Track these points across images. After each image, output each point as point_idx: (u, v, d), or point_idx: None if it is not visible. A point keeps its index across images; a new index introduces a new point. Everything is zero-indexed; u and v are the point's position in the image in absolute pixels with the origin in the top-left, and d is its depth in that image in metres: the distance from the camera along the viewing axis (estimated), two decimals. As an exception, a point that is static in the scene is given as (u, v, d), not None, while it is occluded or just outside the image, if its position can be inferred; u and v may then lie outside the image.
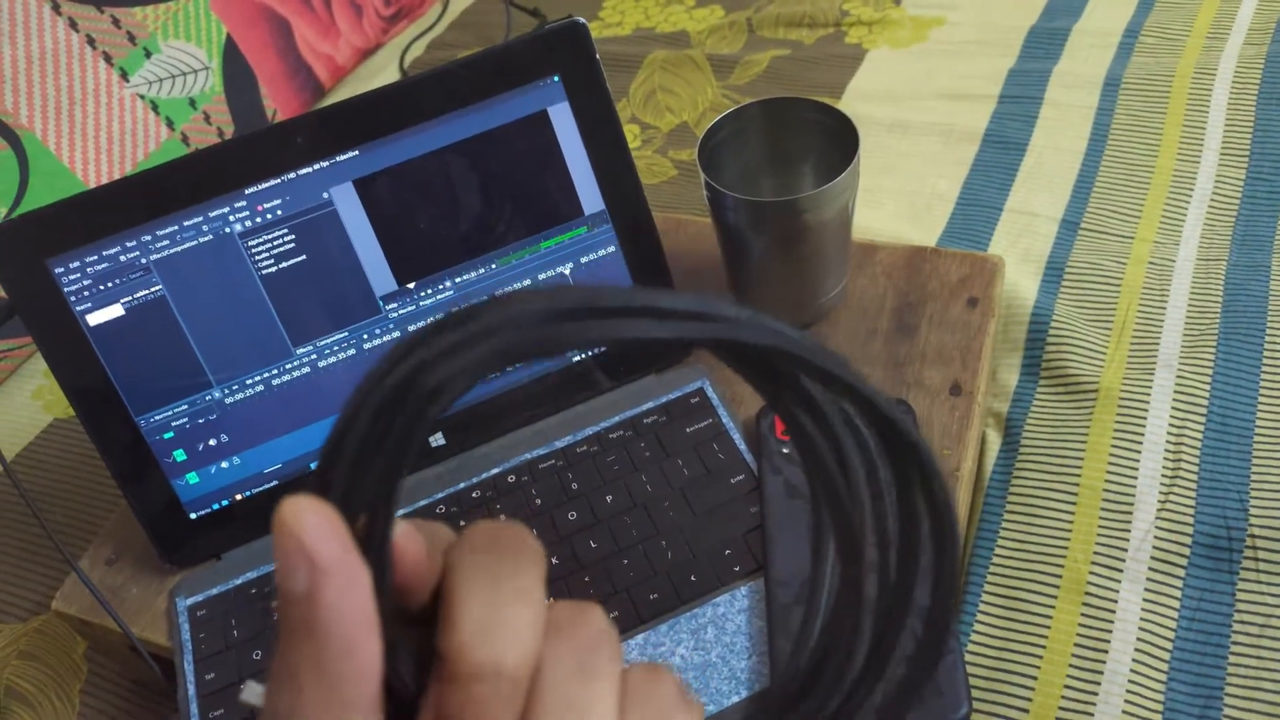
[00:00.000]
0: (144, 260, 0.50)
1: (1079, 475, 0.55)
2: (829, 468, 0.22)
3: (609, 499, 0.53)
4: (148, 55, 0.82)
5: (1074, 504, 0.54)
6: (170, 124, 0.84)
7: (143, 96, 0.82)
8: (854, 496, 0.22)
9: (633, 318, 0.18)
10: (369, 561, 0.19)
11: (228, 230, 0.51)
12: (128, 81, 0.81)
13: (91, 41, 0.79)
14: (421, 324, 0.19)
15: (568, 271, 0.56)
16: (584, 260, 0.56)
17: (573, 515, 0.52)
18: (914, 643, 0.22)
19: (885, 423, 0.20)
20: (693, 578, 0.49)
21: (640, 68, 0.92)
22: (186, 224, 0.50)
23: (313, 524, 0.18)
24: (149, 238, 0.50)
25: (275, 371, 0.53)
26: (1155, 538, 0.52)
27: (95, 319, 0.50)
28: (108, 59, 0.80)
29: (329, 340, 0.53)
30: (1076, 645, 0.49)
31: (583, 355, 0.57)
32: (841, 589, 0.22)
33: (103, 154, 0.79)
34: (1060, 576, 0.52)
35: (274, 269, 0.51)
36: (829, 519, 0.22)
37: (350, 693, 0.18)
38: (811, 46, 0.91)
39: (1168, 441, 0.55)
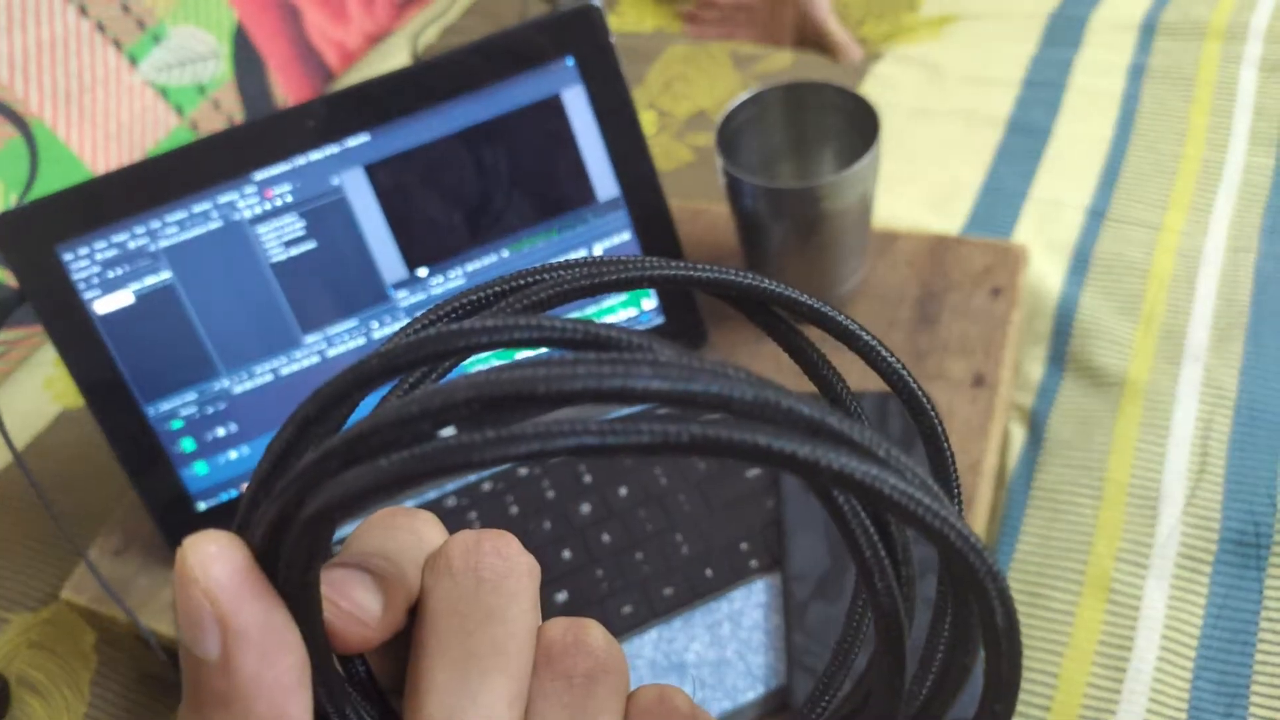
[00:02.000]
0: (152, 247, 0.49)
1: (1104, 469, 0.54)
2: (870, 561, 0.17)
3: (623, 492, 0.52)
4: (157, 41, 0.82)
5: (1099, 499, 0.53)
6: (180, 111, 0.83)
7: (152, 83, 0.81)
8: (904, 592, 0.18)
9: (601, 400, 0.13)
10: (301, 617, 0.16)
11: (237, 217, 0.50)
12: (137, 68, 0.80)
13: (101, 28, 0.78)
14: (317, 395, 0.16)
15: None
16: (597, 247, 0.55)
17: (586, 508, 0.52)
18: None
19: (947, 548, 0.15)
20: (708, 572, 0.48)
21: (659, 58, 0.91)
22: (195, 210, 0.49)
23: (225, 574, 0.15)
24: (158, 224, 0.49)
25: (284, 360, 0.52)
26: (1181, 533, 0.51)
27: (103, 306, 0.49)
28: (117, 45, 0.79)
29: (339, 328, 0.52)
30: (1100, 642, 0.48)
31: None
32: (877, 682, 0.18)
33: (112, 141, 0.79)
34: (1084, 572, 0.50)
35: (283, 256, 0.51)
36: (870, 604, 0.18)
37: None
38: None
39: (1195, 435, 0.54)
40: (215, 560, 0.15)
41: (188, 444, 0.52)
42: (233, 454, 0.53)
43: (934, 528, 0.14)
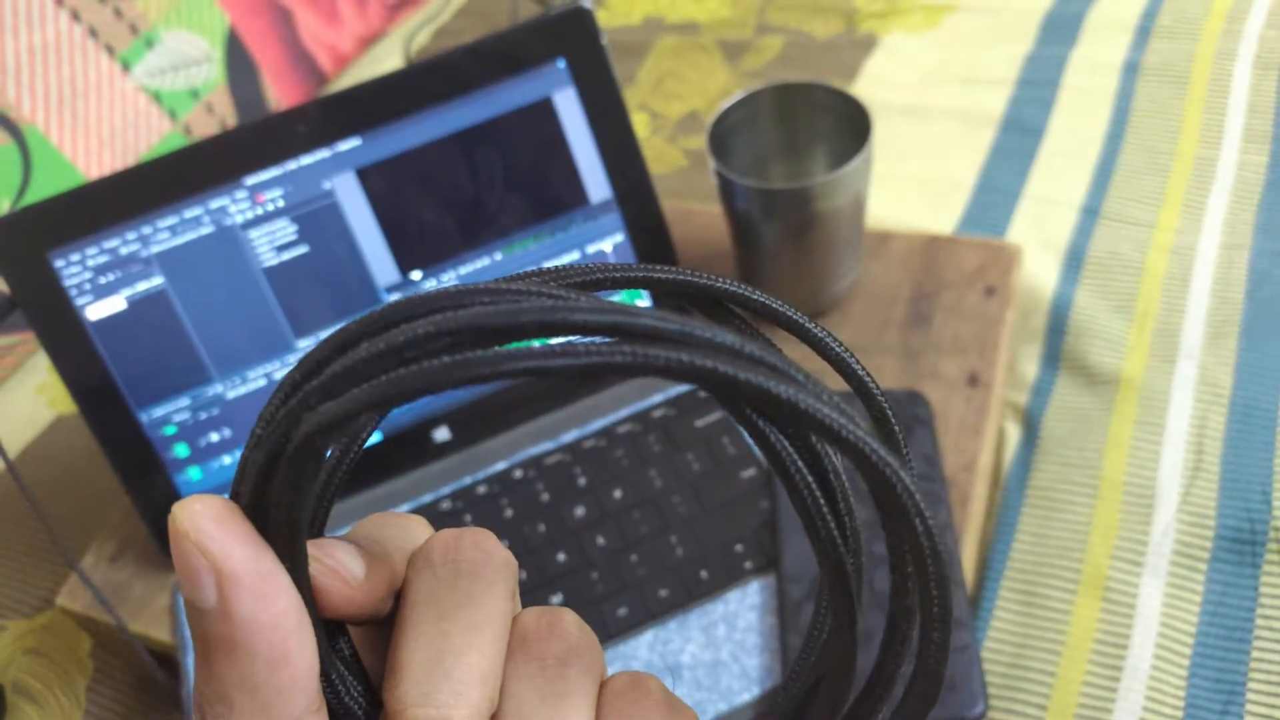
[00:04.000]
0: (144, 253, 0.49)
1: (1099, 468, 0.54)
2: (811, 509, 0.18)
3: (617, 494, 0.52)
4: (149, 46, 0.82)
5: (1094, 497, 0.53)
6: (173, 115, 0.83)
7: (145, 88, 0.81)
8: (847, 542, 0.19)
9: (550, 332, 0.15)
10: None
11: (228, 222, 0.50)
12: (130, 73, 0.80)
13: (93, 33, 0.78)
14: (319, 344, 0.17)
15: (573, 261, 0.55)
16: (590, 249, 0.55)
17: (580, 511, 0.52)
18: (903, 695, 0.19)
19: (865, 465, 0.16)
20: (703, 574, 0.48)
21: (649, 54, 0.91)
22: (187, 215, 0.49)
23: (212, 526, 0.16)
24: (149, 230, 0.49)
25: (277, 365, 0.52)
26: (1177, 531, 0.51)
27: (96, 312, 0.49)
28: (110, 51, 0.79)
29: (332, 332, 0.52)
30: (1096, 641, 0.48)
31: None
32: (832, 634, 0.19)
33: (105, 147, 0.79)
34: (1080, 571, 0.50)
35: (275, 260, 0.51)
36: (818, 559, 0.19)
37: (289, 704, 0.17)
38: (823, 36, 0.89)
39: (1189, 433, 0.54)
40: (202, 514, 0.16)
41: (181, 450, 0.52)
42: (226, 459, 0.53)
43: (849, 442, 0.15)
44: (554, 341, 0.15)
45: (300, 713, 0.17)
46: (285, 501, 0.17)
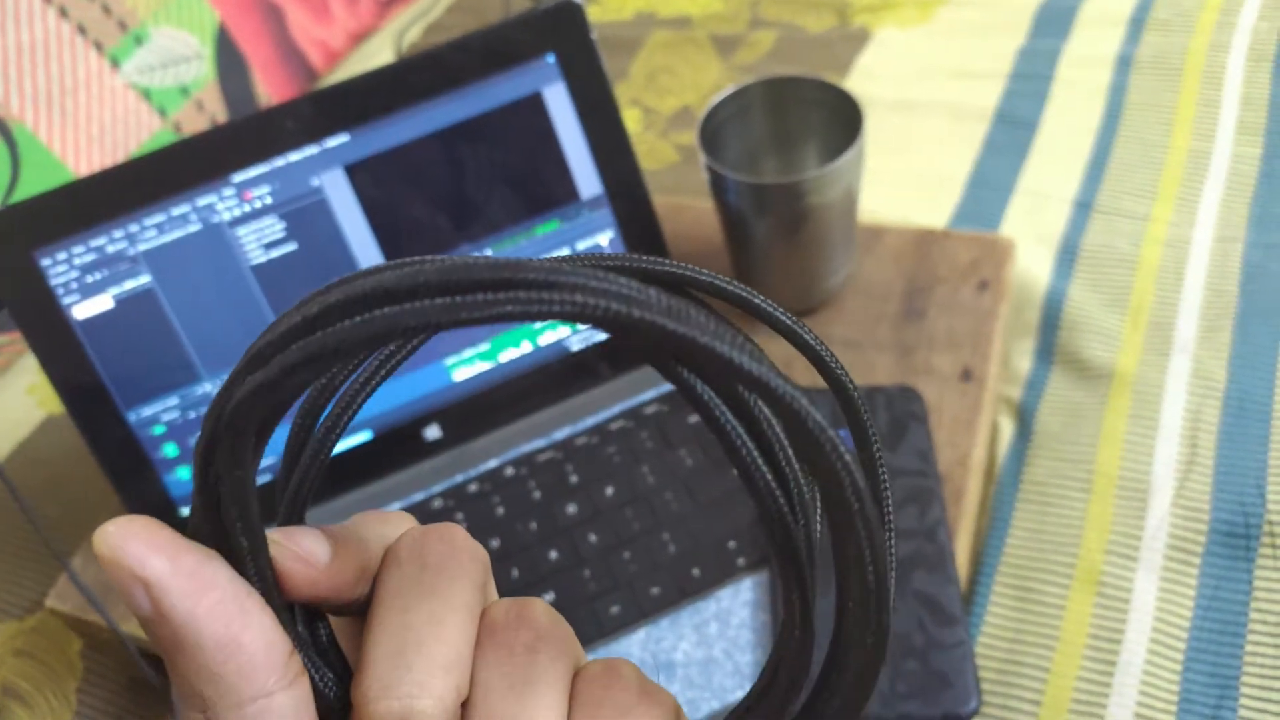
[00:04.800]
0: (131, 251, 0.49)
1: (1093, 462, 0.53)
2: (745, 458, 0.18)
3: (609, 491, 0.51)
4: (139, 43, 0.81)
5: (1088, 491, 0.53)
6: (162, 113, 0.83)
7: (134, 85, 0.81)
8: (795, 509, 0.19)
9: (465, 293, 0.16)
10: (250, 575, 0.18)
11: (216, 219, 0.49)
12: (119, 70, 0.80)
13: (82, 30, 0.78)
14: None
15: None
16: (581, 245, 0.54)
17: (572, 509, 0.51)
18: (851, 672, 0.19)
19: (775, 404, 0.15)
20: (696, 571, 0.48)
21: (641, 49, 0.91)
22: (174, 213, 0.49)
23: (126, 542, 0.17)
24: (136, 228, 0.49)
25: (267, 363, 0.52)
26: (1171, 525, 0.51)
27: (83, 311, 0.49)
28: (98, 48, 0.79)
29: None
30: (1090, 635, 0.48)
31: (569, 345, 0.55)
32: (785, 608, 0.20)
33: (95, 144, 0.78)
34: (1074, 566, 0.50)
35: (264, 258, 0.50)
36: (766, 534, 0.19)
37: (254, 684, 0.17)
38: (816, 30, 0.89)
39: (1183, 427, 0.54)
40: (115, 534, 0.17)
41: (170, 449, 0.52)
42: (216, 458, 0.53)
43: (751, 375, 0.15)
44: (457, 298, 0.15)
45: (271, 688, 0.18)
46: (228, 475, 0.17)
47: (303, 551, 0.19)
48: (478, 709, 0.19)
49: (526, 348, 0.55)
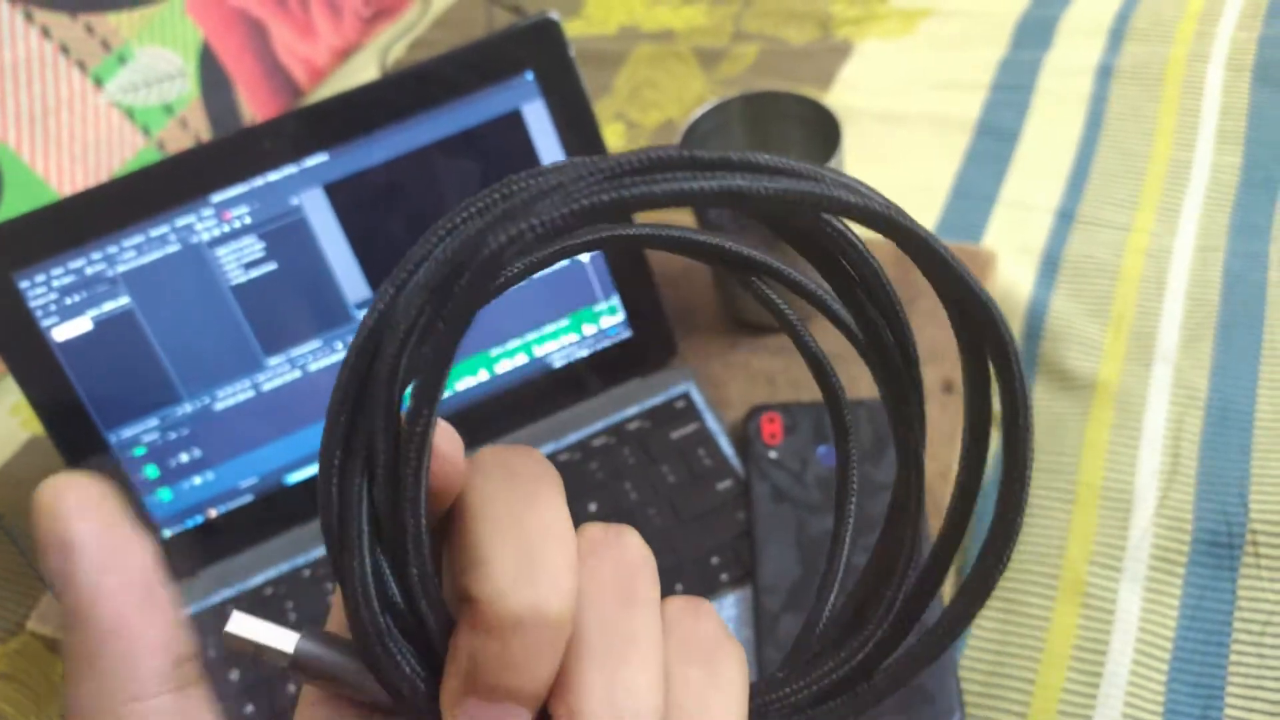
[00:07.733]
0: (110, 273, 0.49)
1: (1076, 473, 0.54)
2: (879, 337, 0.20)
3: (592, 507, 0.51)
4: (122, 62, 0.81)
5: (1071, 502, 0.53)
6: (146, 131, 0.82)
7: (118, 104, 0.81)
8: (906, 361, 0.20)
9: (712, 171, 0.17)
10: (409, 453, 0.17)
11: (195, 239, 0.49)
12: (103, 89, 0.80)
13: (65, 50, 0.78)
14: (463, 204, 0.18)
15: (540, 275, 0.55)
16: (560, 263, 0.54)
17: (556, 525, 0.51)
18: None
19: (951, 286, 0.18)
20: (679, 586, 0.48)
21: (625, 63, 0.91)
22: (153, 234, 0.49)
23: (71, 501, 0.17)
24: (115, 249, 0.48)
25: (247, 383, 0.52)
26: (1154, 535, 0.51)
27: (62, 334, 0.49)
28: (81, 67, 0.79)
29: (302, 349, 0.52)
30: (1075, 647, 0.48)
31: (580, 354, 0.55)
32: (897, 485, 0.21)
33: (78, 164, 0.78)
34: (1058, 577, 0.50)
35: (244, 278, 0.50)
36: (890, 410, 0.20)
37: (127, 679, 0.17)
38: (799, 43, 0.89)
39: (1166, 436, 0.54)
40: (66, 488, 0.17)
41: (151, 471, 0.52)
42: (197, 480, 0.53)
43: (874, 212, 0.18)
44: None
45: (142, 692, 0.17)
46: (428, 389, 0.17)
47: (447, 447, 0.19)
48: (588, 618, 0.18)
49: (505, 366, 0.55)
